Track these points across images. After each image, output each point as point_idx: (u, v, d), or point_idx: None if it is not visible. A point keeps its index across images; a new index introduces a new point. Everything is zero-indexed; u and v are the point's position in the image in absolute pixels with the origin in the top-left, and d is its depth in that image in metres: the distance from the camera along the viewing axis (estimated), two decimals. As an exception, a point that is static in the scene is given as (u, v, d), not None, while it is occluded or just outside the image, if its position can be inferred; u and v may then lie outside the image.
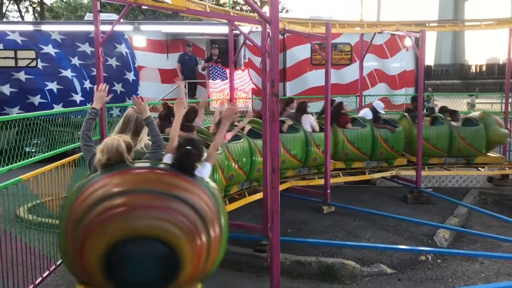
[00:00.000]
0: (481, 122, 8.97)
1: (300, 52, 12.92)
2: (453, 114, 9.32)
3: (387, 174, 8.72)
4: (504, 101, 11.21)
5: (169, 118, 5.47)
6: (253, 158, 6.71)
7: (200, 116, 6.53)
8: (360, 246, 5.99)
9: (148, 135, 3.66)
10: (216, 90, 11.50)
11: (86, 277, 2.89)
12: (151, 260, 2.72)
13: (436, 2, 76.63)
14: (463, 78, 68.70)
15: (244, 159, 6.56)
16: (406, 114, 9.28)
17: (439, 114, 9.26)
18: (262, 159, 6.27)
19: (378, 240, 6.27)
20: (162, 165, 3.17)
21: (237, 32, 7.83)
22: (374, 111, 8.88)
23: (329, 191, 7.48)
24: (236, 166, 6.36)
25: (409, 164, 8.92)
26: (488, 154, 9.19)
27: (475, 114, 9.59)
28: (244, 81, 11.86)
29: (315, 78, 12.56)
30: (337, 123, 8.37)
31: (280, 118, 7.39)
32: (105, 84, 3.92)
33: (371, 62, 12.97)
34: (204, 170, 3.51)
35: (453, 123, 9.01)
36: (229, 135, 6.51)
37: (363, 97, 10.53)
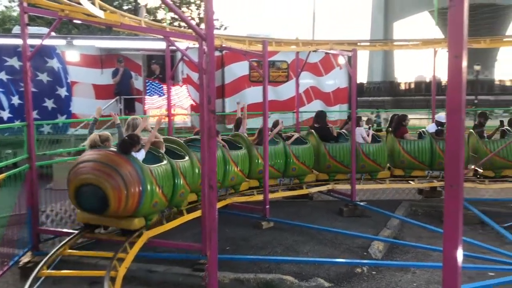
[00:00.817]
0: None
1: (238, 69, 13.03)
2: None
3: (323, 188, 8.91)
4: (431, 116, 11.86)
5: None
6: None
7: (244, 125, 8.71)
8: (298, 261, 6.04)
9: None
10: (154, 106, 11.31)
11: (73, 203, 5.60)
12: (94, 197, 5.15)
13: (368, 22, 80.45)
14: (394, 95, 72.00)
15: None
16: (472, 130, 9.78)
17: (507, 127, 9.58)
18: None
19: (315, 254, 6.36)
20: (113, 149, 5.51)
21: (175, 48, 7.77)
22: (438, 124, 9.56)
23: (267, 206, 7.52)
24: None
25: (476, 178, 9.38)
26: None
27: None
28: (182, 97, 11.75)
29: (253, 94, 12.70)
30: (395, 134, 9.36)
31: (338, 130, 9.52)
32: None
33: (307, 80, 13.32)
34: (138, 154, 5.53)
35: None
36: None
37: (299, 113, 10.74)
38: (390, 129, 9.61)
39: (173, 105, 10.12)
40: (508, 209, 9.05)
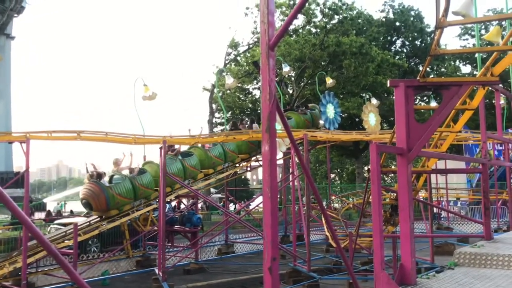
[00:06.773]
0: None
1: None
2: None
3: None
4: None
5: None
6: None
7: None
8: None
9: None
10: None
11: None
12: (86, 203, 12.15)
13: None
14: None
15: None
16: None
17: None
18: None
19: None
20: (94, 181, 12.23)
21: None
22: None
23: None
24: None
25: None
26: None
27: None
28: None
29: None
30: None
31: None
32: None
33: None
34: (104, 180, 12.27)
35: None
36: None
37: None
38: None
39: None
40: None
